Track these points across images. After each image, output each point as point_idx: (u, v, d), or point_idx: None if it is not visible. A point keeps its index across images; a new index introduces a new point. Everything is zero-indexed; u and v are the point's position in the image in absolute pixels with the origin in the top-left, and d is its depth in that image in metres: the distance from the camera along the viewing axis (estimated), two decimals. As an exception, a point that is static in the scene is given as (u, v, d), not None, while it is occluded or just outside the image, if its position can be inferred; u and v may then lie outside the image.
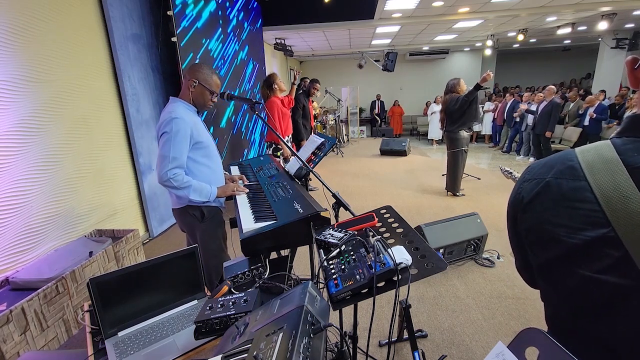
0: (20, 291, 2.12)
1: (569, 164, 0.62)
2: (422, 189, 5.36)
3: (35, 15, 2.52)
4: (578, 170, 0.60)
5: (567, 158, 0.63)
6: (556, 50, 13.47)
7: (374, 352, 2.03)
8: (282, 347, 0.63)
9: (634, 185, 0.53)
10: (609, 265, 0.55)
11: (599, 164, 0.58)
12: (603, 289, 0.57)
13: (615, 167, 0.56)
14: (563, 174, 0.62)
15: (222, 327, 0.97)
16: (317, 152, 2.13)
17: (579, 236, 0.58)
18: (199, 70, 1.84)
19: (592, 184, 0.57)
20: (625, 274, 0.54)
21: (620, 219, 0.54)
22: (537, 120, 6.62)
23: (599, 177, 0.57)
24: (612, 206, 0.54)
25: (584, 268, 0.59)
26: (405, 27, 7.82)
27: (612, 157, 0.57)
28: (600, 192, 0.56)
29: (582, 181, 0.59)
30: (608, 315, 0.59)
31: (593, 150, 0.61)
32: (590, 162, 0.59)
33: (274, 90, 3.89)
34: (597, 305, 0.60)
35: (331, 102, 10.09)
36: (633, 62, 0.62)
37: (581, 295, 0.62)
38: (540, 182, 0.65)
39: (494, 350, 0.60)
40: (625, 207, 0.53)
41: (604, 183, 0.56)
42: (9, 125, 2.29)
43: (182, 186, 1.74)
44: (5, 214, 2.25)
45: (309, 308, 0.73)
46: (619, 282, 0.55)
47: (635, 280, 0.53)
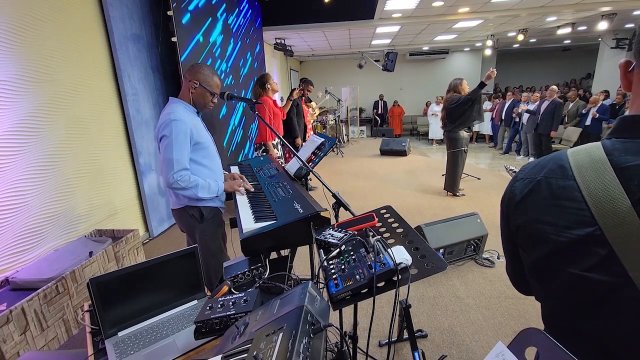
0: (20, 291, 2.12)
1: (559, 164, 0.63)
2: (422, 189, 5.36)
3: (35, 15, 2.52)
4: (567, 170, 0.61)
5: (558, 158, 0.64)
6: (556, 50, 13.47)
7: (374, 352, 2.03)
8: (282, 347, 0.63)
9: (620, 184, 0.54)
10: (596, 263, 0.57)
11: (587, 164, 0.59)
12: (591, 287, 0.58)
13: (603, 167, 0.57)
14: (554, 173, 0.63)
15: (222, 327, 0.97)
16: (317, 152, 2.14)
17: (567, 234, 0.60)
18: (200, 71, 1.83)
19: (580, 183, 0.59)
20: (611, 271, 0.55)
21: (606, 218, 0.55)
22: (540, 120, 6.62)
23: (586, 177, 0.58)
24: (598, 205, 0.56)
25: (572, 266, 0.60)
26: (405, 27, 7.82)
27: (600, 157, 0.58)
28: (588, 191, 0.57)
29: (570, 180, 0.60)
30: (598, 314, 0.59)
31: (583, 150, 0.62)
32: (579, 162, 0.60)
33: (266, 90, 3.90)
34: (588, 303, 0.60)
35: (331, 102, 10.09)
36: (627, 65, 0.62)
37: (571, 293, 0.63)
38: (532, 181, 0.66)
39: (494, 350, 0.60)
40: (611, 206, 0.54)
41: (591, 182, 0.57)
42: (8, 125, 2.29)
43: (190, 186, 1.75)
44: (5, 214, 2.25)
45: (309, 308, 0.73)
46: (605, 279, 0.56)
47: (621, 277, 0.54)
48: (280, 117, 4.17)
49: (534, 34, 9.44)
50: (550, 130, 6.51)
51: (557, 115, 6.35)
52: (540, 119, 6.61)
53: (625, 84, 0.64)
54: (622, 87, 0.65)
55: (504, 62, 13.75)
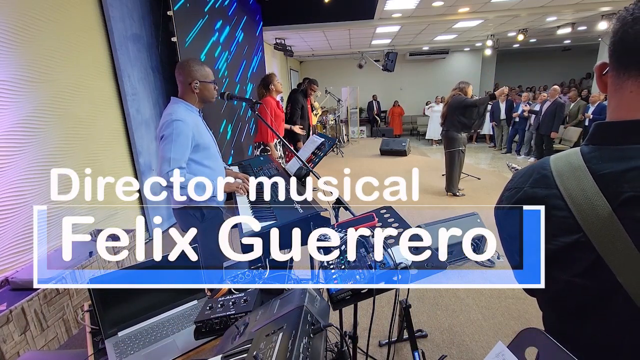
0: (20, 291, 2.12)
1: (543, 173, 0.64)
2: (422, 189, 5.36)
3: (35, 15, 2.52)
4: (550, 179, 0.62)
5: (541, 167, 0.65)
6: (556, 50, 13.46)
7: (374, 352, 2.03)
8: (282, 347, 0.63)
9: (599, 191, 0.55)
10: (584, 269, 0.57)
11: (567, 172, 0.60)
12: (581, 293, 0.59)
13: (582, 174, 0.58)
14: (538, 183, 0.64)
15: (222, 327, 0.98)
16: (317, 152, 2.13)
17: (555, 242, 0.61)
18: (192, 69, 1.81)
19: (562, 192, 0.59)
20: (599, 276, 0.56)
21: (589, 224, 0.56)
22: (542, 120, 6.61)
23: (568, 184, 0.59)
24: (581, 212, 0.56)
25: (562, 273, 0.61)
26: (405, 27, 7.82)
27: (579, 165, 0.59)
28: (570, 198, 0.58)
29: (553, 189, 0.61)
30: (589, 319, 0.60)
31: (564, 158, 0.63)
32: (560, 169, 0.61)
33: (270, 91, 3.90)
34: (579, 308, 0.61)
35: (331, 102, 10.08)
36: (602, 68, 0.63)
37: (563, 299, 0.64)
38: (519, 191, 0.67)
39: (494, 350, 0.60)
40: (594, 213, 0.55)
41: (573, 190, 0.58)
42: (8, 125, 2.29)
43: (184, 186, 1.74)
44: (5, 214, 2.25)
45: (308, 308, 0.73)
46: (594, 285, 0.57)
47: (609, 282, 0.54)
48: (282, 118, 4.17)
49: (534, 34, 9.44)
50: (551, 131, 6.50)
51: (558, 116, 6.34)
52: (542, 119, 6.60)
53: (600, 86, 0.65)
54: (599, 89, 0.67)
55: (504, 62, 13.74)
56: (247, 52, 5.96)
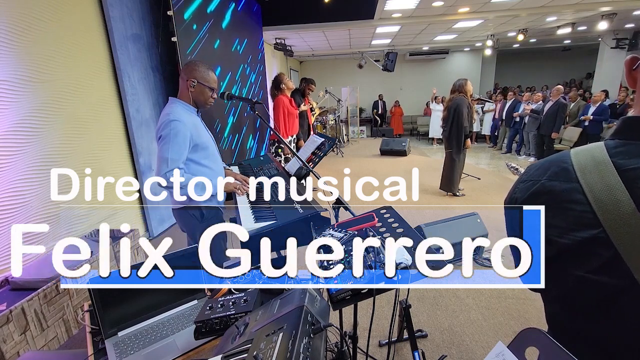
0: (20, 291, 2.12)
1: (563, 166, 0.62)
2: (422, 189, 5.36)
3: (35, 15, 2.52)
4: (571, 172, 0.61)
5: (561, 160, 0.64)
6: (556, 50, 13.46)
7: (374, 352, 2.03)
8: (282, 347, 0.63)
9: (624, 186, 0.54)
10: (601, 265, 0.56)
11: (591, 166, 0.58)
12: (595, 289, 0.58)
13: (606, 169, 0.56)
14: (557, 176, 0.63)
15: (222, 327, 0.98)
16: (317, 152, 2.13)
17: (571, 237, 0.59)
18: (196, 68, 1.81)
19: (583, 186, 0.58)
20: (616, 273, 0.55)
21: (610, 220, 0.54)
22: (543, 120, 6.60)
23: (590, 179, 0.58)
24: (602, 207, 0.55)
25: (576, 269, 0.60)
26: (405, 27, 7.82)
27: (603, 159, 0.58)
28: (592, 193, 0.57)
29: (574, 183, 0.60)
30: (602, 316, 0.59)
31: (586, 152, 0.61)
32: (582, 164, 0.60)
33: (281, 90, 3.95)
34: (592, 305, 0.60)
35: (331, 102, 10.08)
36: (632, 62, 0.61)
37: (575, 295, 0.62)
38: (535, 183, 0.66)
39: (494, 350, 0.60)
40: (616, 209, 0.54)
41: (595, 185, 0.57)
42: (8, 125, 2.29)
43: (182, 186, 1.74)
44: (4, 214, 2.25)
45: (309, 308, 0.73)
46: (609, 281, 0.56)
47: (625, 279, 0.53)
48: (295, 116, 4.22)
49: (534, 34, 9.44)
50: (552, 132, 6.49)
51: (560, 117, 6.33)
52: (544, 119, 6.59)
53: (630, 81, 0.63)
54: (628, 84, 0.64)
55: (503, 62, 13.74)
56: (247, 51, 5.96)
